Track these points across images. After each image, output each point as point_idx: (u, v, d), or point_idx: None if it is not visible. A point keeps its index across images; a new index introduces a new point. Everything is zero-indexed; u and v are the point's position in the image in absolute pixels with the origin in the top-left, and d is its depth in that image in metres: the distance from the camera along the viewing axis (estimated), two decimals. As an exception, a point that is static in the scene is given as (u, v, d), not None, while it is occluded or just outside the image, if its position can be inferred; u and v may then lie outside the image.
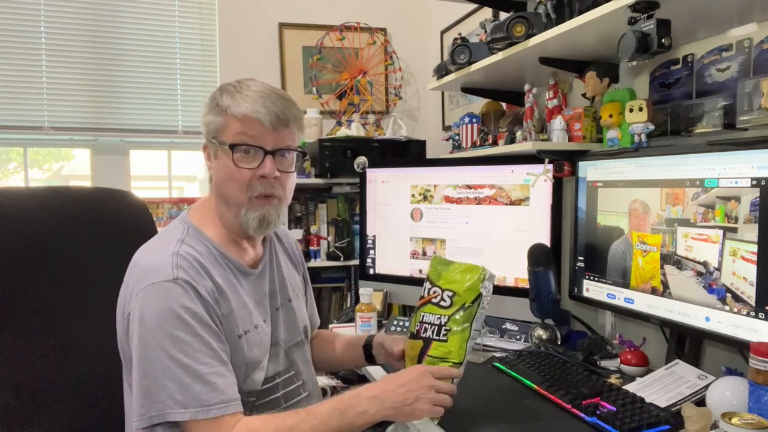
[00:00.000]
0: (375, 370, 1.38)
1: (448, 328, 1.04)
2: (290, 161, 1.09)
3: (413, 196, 1.90)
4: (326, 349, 1.35)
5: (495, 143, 1.81)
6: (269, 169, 1.04)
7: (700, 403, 1.05)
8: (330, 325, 1.96)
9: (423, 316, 1.08)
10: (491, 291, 1.08)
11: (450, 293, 1.06)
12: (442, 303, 1.05)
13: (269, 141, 1.04)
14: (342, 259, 2.52)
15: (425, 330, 1.07)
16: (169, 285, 0.95)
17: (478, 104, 2.18)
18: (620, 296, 1.38)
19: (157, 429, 0.95)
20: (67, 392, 1.13)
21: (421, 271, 1.87)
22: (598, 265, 1.45)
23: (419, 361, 1.08)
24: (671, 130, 1.37)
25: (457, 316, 1.04)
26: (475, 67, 1.71)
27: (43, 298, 1.13)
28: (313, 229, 2.57)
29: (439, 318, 1.05)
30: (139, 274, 0.99)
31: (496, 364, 1.40)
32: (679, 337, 1.31)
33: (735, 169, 1.08)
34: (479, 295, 1.05)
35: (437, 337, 1.05)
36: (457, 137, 2.05)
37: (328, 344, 1.36)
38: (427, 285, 1.11)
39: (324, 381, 2.03)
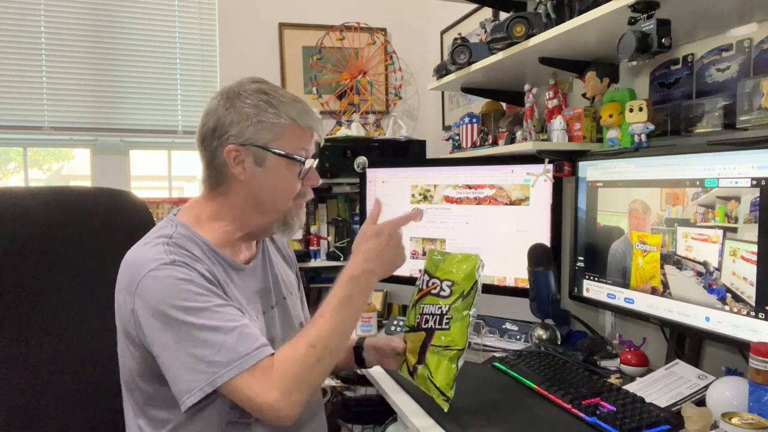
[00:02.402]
0: (375, 372, 1.38)
1: (450, 316, 1.06)
2: None
3: (413, 196, 1.90)
4: None
5: (495, 143, 1.81)
6: (319, 180, 1.14)
7: (700, 403, 1.05)
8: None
9: (423, 308, 1.09)
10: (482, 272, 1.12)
11: (449, 283, 1.07)
12: (442, 293, 1.07)
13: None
14: (342, 259, 2.51)
15: (426, 321, 1.08)
16: (167, 266, 0.95)
17: (478, 104, 2.18)
18: (620, 296, 1.38)
19: (205, 408, 0.95)
20: (68, 393, 1.13)
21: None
22: (598, 265, 1.45)
23: (422, 353, 1.09)
24: (671, 130, 1.37)
25: (458, 304, 1.06)
26: (475, 67, 1.71)
27: (43, 297, 1.13)
28: (313, 229, 2.57)
29: (440, 308, 1.07)
30: (132, 270, 0.97)
31: (496, 364, 1.40)
32: (679, 337, 1.31)
33: (735, 169, 1.08)
34: (475, 283, 1.07)
35: (439, 327, 1.07)
36: (457, 137, 2.05)
37: None
38: (425, 277, 1.12)
39: (324, 381, 2.03)
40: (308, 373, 0.94)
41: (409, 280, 1.88)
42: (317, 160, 1.13)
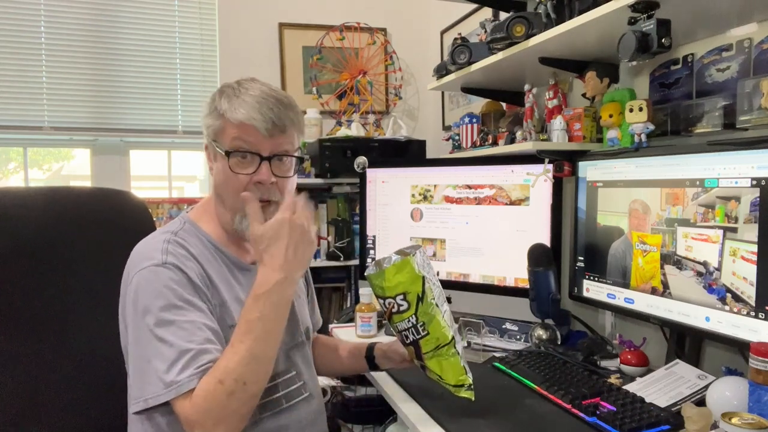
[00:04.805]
0: (379, 375, 1.38)
1: (422, 322, 1.07)
2: (288, 165, 1.09)
3: (413, 196, 1.90)
4: (329, 356, 1.35)
5: (495, 143, 1.81)
6: (265, 175, 1.04)
7: (700, 403, 1.05)
8: (330, 326, 1.96)
9: (397, 326, 1.10)
10: (428, 260, 1.10)
11: (401, 296, 1.06)
12: (402, 308, 1.06)
13: (265, 147, 1.04)
14: (342, 259, 2.52)
15: (407, 337, 1.09)
16: (157, 269, 0.97)
17: (478, 104, 2.18)
18: (620, 296, 1.38)
19: (154, 414, 0.96)
20: (68, 393, 1.13)
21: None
22: (598, 265, 1.45)
23: (421, 361, 1.11)
24: (671, 130, 1.36)
25: (421, 309, 1.06)
26: (475, 67, 1.71)
27: (43, 297, 1.13)
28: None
29: (409, 320, 1.07)
30: (131, 263, 1.02)
31: (496, 364, 1.40)
32: (679, 337, 1.31)
33: (735, 169, 1.08)
34: (423, 278, 1.06)
35: (420, 336, 1.07)
36: (457, 137, 2.05)
37: (331, 351, 1.36)
38: (380, 301, 1.11)
39: (324, 381, 2.03)
40: (222, 408, 0.90)
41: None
42: (259, 155, 1.04)
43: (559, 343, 1.50)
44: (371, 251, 1.99)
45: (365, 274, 1.09)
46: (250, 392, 0.93)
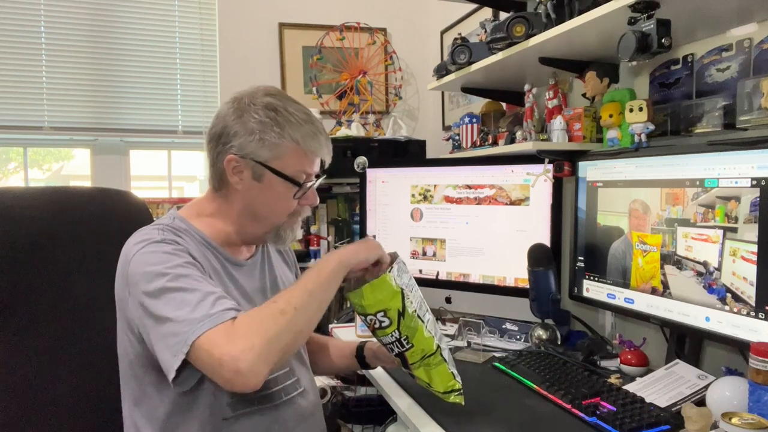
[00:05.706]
0: (375, 372, 1.38)
1: (405, 336, 1.06)
2: None
3: (413, 196, 1.90)
4: (321, 354, 1.36)
5: (495, 143, 1.81)
6: (317, 200, 1.15)
7: (700, 403, 1.05)
8: (330, 325, 1.96)
9: (382, 340, 1.09)
10: (406, 268, 1.10)
11: (381, 313, 1.04)
12: (384, 324, 1.05)
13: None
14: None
15: (392, 349, 1.08)
16: (156, 244, 0.98)
17: (478, 104, 2.18)
18: (620, 296, 1.38)
19: (151, 408, 0.97)
20: (66, 392, 1.13)
21: (421, 271, 1.87)
22: (598, 265, 1.45)
23: (409, 370, 1.11)
24: (671, 130, 1.37)
25: (403, 323, 1.05)
26: (475, 67, 1.71)
27: (43, 297, 1.13)
28: (313, 229, 2.57)
29: (392, 335, 1.05)
30: (125, 253, 1.00)
31: (496, 364, 1.40)
32: (679, 337, 1.31)
33: (735, 169, 1.08)
34: (401, 293, 1.04)
35: (404, 348, 1.07)
36: (457, 137, 2.05)
37: (323, 349, 1.37)
38: (361, 318, 1.09)
39: (324, 381, 2.03)
40: (271, 323, 0.88)
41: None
42: (319, 180, 1.13)
43: (559, 343, 1.50)
44: (371, 251, 1.99)
45: (344, 291, 1.08)
46: (298, 320, 0.91)
